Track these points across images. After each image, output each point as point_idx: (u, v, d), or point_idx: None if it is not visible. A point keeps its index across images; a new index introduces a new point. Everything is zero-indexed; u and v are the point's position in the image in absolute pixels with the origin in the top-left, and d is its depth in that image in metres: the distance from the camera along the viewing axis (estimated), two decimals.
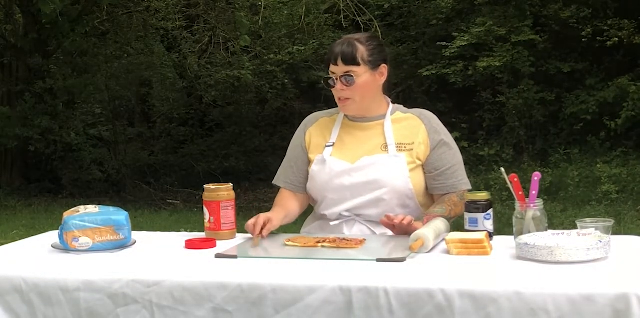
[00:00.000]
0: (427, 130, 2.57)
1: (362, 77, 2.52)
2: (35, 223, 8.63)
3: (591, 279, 1.80)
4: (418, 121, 2.60)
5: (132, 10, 12.57)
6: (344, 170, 2.53)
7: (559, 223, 7.02)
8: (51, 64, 12.21)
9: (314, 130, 2.68)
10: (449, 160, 2.57)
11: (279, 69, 12.76)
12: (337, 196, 2.55)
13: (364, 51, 2.51)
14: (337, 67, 2.52)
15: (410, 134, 2.57)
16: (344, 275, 1.91)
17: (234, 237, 2.47)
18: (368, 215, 2.54)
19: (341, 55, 2.50)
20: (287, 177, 2.69)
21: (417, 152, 2.54)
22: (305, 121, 2.75)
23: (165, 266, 2.10)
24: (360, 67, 2.51)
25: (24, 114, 11.28)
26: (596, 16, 10.16)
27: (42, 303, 2.00)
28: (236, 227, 2.50)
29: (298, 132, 2.73)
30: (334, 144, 2.60)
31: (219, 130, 13.63)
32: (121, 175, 12.12)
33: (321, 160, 2.58)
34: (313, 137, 2.67)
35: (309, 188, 2.64)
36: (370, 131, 2.59)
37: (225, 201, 2.46)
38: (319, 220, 2.65)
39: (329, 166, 2.56)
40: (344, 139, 2.61)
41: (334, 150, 2.59)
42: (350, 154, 2.56)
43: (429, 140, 2.56)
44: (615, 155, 9.50)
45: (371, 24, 10.62)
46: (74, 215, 2.34)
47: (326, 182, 2.55)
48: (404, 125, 2.59)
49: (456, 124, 10.74)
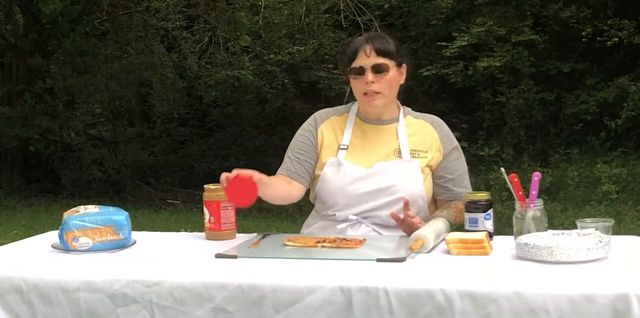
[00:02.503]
0: (440, 138, 2.58)
1: (392, 71, 2.48)
2: (35, 223, 8.64)
3: (591, 279, 1.80)
4: (431, 128, 2.59)
5: (132, 10, 12.58)
6: (358, 177, 2.50)
7: (559, 223, 7.03)
8: (51, 64, 12.22)
9: (325, 128, 2.61)
10: (459, 167, 2.59)
11: (279, 69, 12.76)
12: (349, 201, 2.52)
13: (393, 46, 2.49)
14: (367, 59, 2.45)
15: (423, 141, 2.55)
16: (344, 275, 1.90)
17: (234, 237, 2.47)
18: (377, 216, 2.52)
19: (376, 46, 2.45)
20: (288, 167, 2.59)
21: (431, 160, 2.54)
22: (315, 117, 2.65)
23: (165, 266, 2.10)
24: (391, 61, 2.47)
25: (24, 114, 11.29)
26: (596, 16, 10.16)
27: (42, 303, 2.00)
28: (236, 226, 2.50)
29: (307, 127, 2.63)
30: (348, 147, 2.55)
31: (219, 130, 13.64)
32: (121, 175, 12.12)
33: (336, 164, 2.53)
34: (325, 135, 2.59)
35: (318, 190, 2.58)
36: (383, 134, 2.56)
37: (226, 201, 2.46)
38: (321, 221, 2.62)
39: (344, 171, 2.51)
40: (357, 141, 2.57)
41: (348, 154, 2.54)
42: (365, 159, 2.53)
43: (442, 147, 2.56)
44: (615, 155, 9.51)
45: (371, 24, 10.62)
46: (74, 215, 2.34)
47: (340, 188, 2.51)
48: (416, 132, 2.57)
49: (456, 124, 10.73)
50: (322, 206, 2.61)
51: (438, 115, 2.68)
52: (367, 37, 2.50)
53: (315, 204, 2.67)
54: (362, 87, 2.48)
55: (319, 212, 2.64)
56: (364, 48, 2.46)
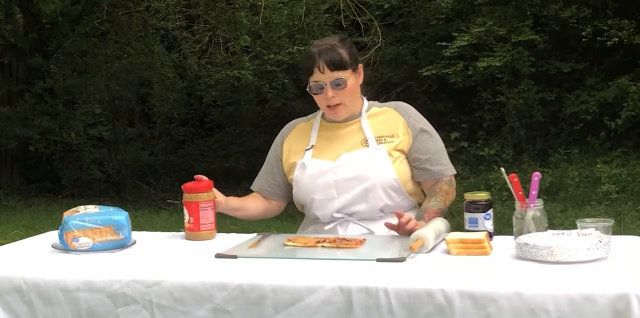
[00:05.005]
0: (405, 120, 2.59)
1: (350, 80, 2.52)
2: (35, 223, 8.63)
3: (591, 279, 1.80)
4: (395, 113, 2.61)
5: (132, 10, 12.57)
6: (326, 170, 2.53)
7: (559, 223, 7.02)
8: (51, 64, 12.21)
9: (292, 137, 2.68)
10: (431, 146, 2.59)
11: (279, 69, 12.76)
12: (323, 196, 2.54)
13: (345, 55, 2.51)
14: (323, 75, 2.48)
15: (389, 126, 2.58)
16: (344, 275, 1.90)
17: (214, 237, 2.48)
18: (360, 211, 2.53)
19: (328, 61, 2.47)
20: (261, 183, 2.73)
21: (400, 143, 2.55)
22: (283, 130, 2.74)
23: (165, 266, 2.10)
24: (347, 71, 2.51)
25: (24, 114, 11.28)
26: (596, 16, 10.15)
27: (42, 303, 2.00)
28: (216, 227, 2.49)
29: (276, 141, 2.73)
30: (313, 146, 2.60)
31: (219, 130, 13.64)
32: (121, 175, 12.12)
33: (302, 165, 2.58)
34: (293, 144, 2.66)
35: (295, 195, 2.63)
36: (349, 129, 2.60)
37: (205, 202, 2.46)
38: (312, 225, 2.64)
39: (311, 167, 2.55)
40: (324, 140, 2.61)
41: (314, 152, 2.59)
42: (331, 153, 2.56)
43: (410, 129, 2.57)
44: (615, 155, 9.50)
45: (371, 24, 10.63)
46: (74, 215, 2.34)
47: (310, 183, 2.55)
48: (381, 119, 2.60)
49: (456, 124, 10.73)
50: (305, 210, 2.66)
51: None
52: (318, 52, 2.50)
53: (303, 211, 2.70)
54: (324, 101, 2.54)
55: (308, 217, 2.68)
56: (318, 64, 2.48)
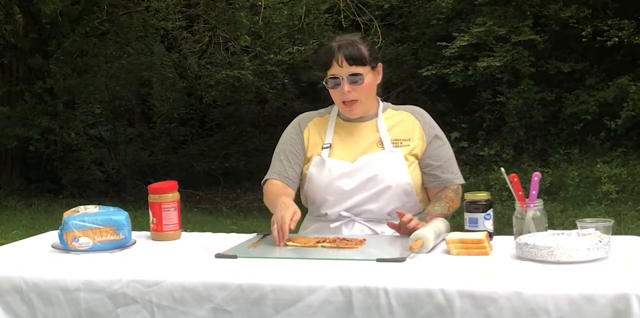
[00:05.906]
0: (421, 125, 2.59)
1: (367, 77, 2.51)
2: (35, 223, 8.63)
3: (591, 279, 1.80)
4: (412, 117, 2.61)
5: (132, 10, 12.57)
6: (344, 172, 2.52)
7: (559, 223, 7.02)
8: (51, 64, 12.21)
9: (310, 130, 2.64)
10: (444, 154, 2.60)
11: (279, 69, 12.77)
12: (337, 197, 2.54)
13: (365, 51, 2.51)
14: (341, 69, 2.48)
15: (405, 130, 2.58)
16: (344, 275, 1.90)
17: (178, 238, 2.49)
18: (368, 211, 2.53)
19: (347, 55, 2.47)
20: (281, 171, 2.60)
21: (414, 148, 2.55)
22: (298, 120, 2.70)
23: (165, 266, 2.10)
24: (365, 67, 2.50)
25: (24, 114, 11.28)
26: (596, 16, 10.15)
27: (42, 303, 2.00)
28: (181, 227, 2.50)
29: (291, 130, 2.67)
30: (330, 145, 2.58)
31: (219, 130, 13.64)
32: (121, 175, 12.12)
33: (320, 162, 2.55)
34: (311, 136, 2.63)
35: (306, 190, 2.60)
36: (365, 129, 2.59)
37: (167, 202, 2.46)
38: (316, 222, 2.63)
39: (328, 168, 2.53)
40: (340, 139, 2.60)
41: (331, 151, 2.57)
42: (348, 154, 2.55)
43: (425, 135, 2.58)
44: (615, 155, 9.50)
45: (371, 24, 10.63)
46: (74, 215, 2.34)
47: (326, 185, 2.54)
48: (397, 122, 2.60)
49: (456, 124, 10.74)
50: (312, 206, 2.64)
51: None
52: (338, 46, 2.50)
53: (307, 206, 2.68)
54: (340, 97, 2.53)
55: (312, 213, 2.66)
56: (336, 57, 2.48)
